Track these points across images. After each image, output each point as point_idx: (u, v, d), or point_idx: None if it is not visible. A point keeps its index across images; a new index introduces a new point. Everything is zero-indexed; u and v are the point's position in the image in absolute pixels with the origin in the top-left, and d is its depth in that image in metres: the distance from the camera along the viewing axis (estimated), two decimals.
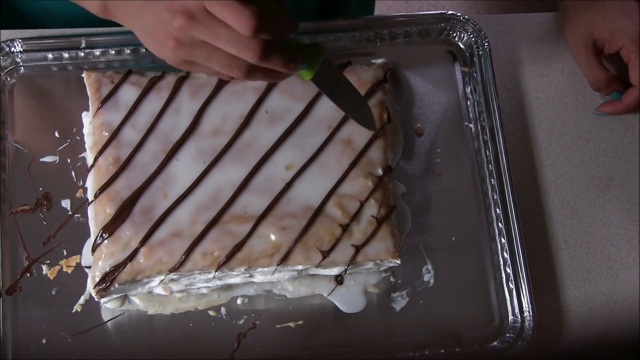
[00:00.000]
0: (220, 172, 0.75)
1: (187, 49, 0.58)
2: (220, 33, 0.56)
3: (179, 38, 0.57)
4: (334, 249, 0.74)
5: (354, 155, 0.77)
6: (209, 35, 0.56)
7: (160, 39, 0.58)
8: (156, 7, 0.57)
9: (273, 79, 0.62)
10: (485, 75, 0.87)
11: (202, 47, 0.58)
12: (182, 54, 0.59)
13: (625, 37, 0.83)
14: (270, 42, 0.57)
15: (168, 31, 0.57)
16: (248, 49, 0.56)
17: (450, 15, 0.89)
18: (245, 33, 0.55)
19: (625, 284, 0.85)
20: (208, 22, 0.56)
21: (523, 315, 0.79)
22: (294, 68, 0.61)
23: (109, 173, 0.74)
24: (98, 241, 0.72)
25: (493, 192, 0.84)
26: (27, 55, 0.84)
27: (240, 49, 0.57)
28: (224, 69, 0.59)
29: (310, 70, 0.65)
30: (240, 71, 0.59)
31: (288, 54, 0.59)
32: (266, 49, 0.57)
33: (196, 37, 0.57)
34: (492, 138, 0.85)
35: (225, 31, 0.56)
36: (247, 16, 0.54)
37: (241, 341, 0.78)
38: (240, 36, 0.56)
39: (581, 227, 0.86)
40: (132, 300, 0.78)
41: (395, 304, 0.81)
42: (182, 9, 0.56)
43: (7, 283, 0.77)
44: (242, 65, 0.59)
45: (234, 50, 0.57)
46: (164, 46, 0.59)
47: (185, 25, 0.56)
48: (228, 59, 0.58)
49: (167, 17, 0.56)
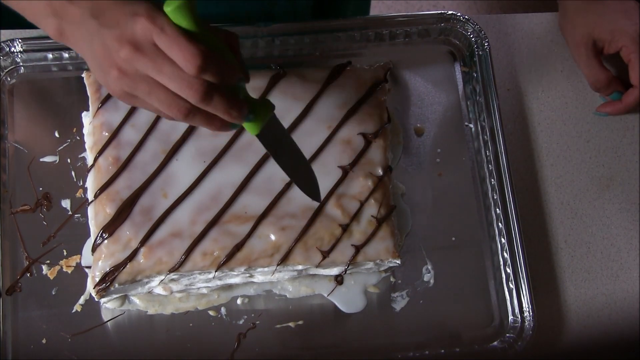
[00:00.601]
0: (220, 172, 0.75)
1: (130, 81, 0.57)
2: (164, 68, 0.55)
3: (123, 68, 0.56)
4: (334, 249, 0.74)
5: (354, 155, 0.77)
6: (153, 70, 0.55)
7: (106, 67, 0.57)
8: (106, 35, 0.56)
9: (215, 126, 0.60)
10: (485, 75, 0.87)
11: (144, 82, 0.56)
12: (125, 86, 0.57)
13: (625, 38, 0.83)
14: (215, 86, 0.56)
15: (113, 60, 0.56)
16: (190, 87, 0.55)
17: (450, 15, 0.89)
18: (189, 71, 0.54)
19: (625, 284, 0.85)
20: (154, 55, 0.55)
21: (523, 315, 0.79)
22: (237, 117, 0.58)
23: (109, 173, 0.74)
24: (98, 241, 0.72)
25: (493, 192, 0.84)
26: (27, 55, 0.84)
27: (182, 87, 0.55)
28: (163, 107, 0.57)
29: (257, 125, 0.62)
30: (179, 112, 0.57)
31: (233, 101, 0.58)
32: (209, 90, 0.55)
33: (140, 70, 0.56)
34: (492, 138, 0.85)
35: (169, 67, 0.55)
36: (193, 54, 0.53)
37: (241, 341, 0.78)
38: (184, 74, 0.55)
39: (581, 227, 0.86)
40: (132, 300, 0.78)
41: (395, 304, 0.81)
42: (131, 39, 0.55)
43: (7, 283, 0.77)
44: (182, 106, 0.57)
45: (176, 88, 0.55)
46: (108, 75, 0.57)
47: (131, 56, 0.55)
48: (169, 97, 0.57)
49: (115, 46, 0.55)
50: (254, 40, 0.86)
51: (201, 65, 0.54)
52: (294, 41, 0.87)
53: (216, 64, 0.55)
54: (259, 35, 0.86)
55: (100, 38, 0.56)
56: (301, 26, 0.88)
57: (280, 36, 0.87)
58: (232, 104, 0.58)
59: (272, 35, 0.86)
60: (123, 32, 0.55)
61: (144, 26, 0.54)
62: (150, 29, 0.54)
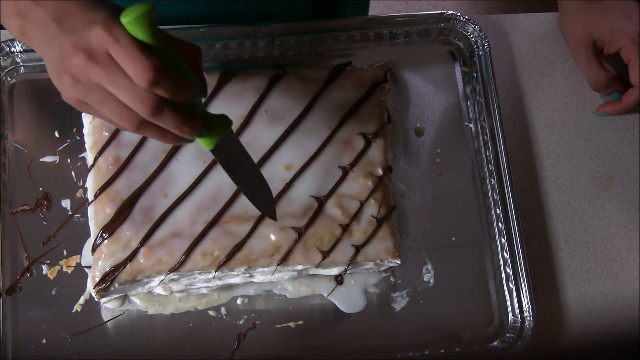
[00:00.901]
0: (220, 172, 0.75)
1: (83, 88, 0.56)
2: (116, 79, 0.54)
3: (76, 75, 0.56)
4: (334, 249, 0.74)
5: (354, 155, 0.77)
6: (105, 80, 0.55)
7: (60, 73, 0.57)
8: (64, 40, 0.56)
9: (168, 140, 0.59)
10: (485, 75, 0.87)
11: (97, 91, 0.56)
12: (77, 93, 0.57)
13: (625, 38, 0.83)
14: (167, 101, 0.55)
15: (67, 66, 0.56)
16: (140, 101, 0.55)
17: (450, 15, 0.89)
18: (141, 84, 0.53)
19: (625, 284, 0.85)
20: (107, 65, 0.54)
21: (523, 315, 0.79)
22: (188, 133, 0.58)
23: (109, 173, 0.74)
24: (98, 241, 0.72)
25: (493, 192, 0.84)
26: (27, 55, 0.84)
27: (133, 100, 0.55)
28: (115, 117, 0.57)
29: (211, 141, 0.62)
30: (131, 123, 0.57)
31: (185, 117, 0.57)
32: (159, 105, 0.55)
33: (93, 78, 0.55)
34: (492, 138, 0.85)
35: (122, 79, 0.54)
36: (145, 67, 0.53)
37: (241, 341, 0.78)
38: (135, 87, 0.54)
39: (581, 227, 0.86)
40: (132, 300, 0.78)
41: (395, 304, 0.81)
42: (85, 47, 0.54)
43: (7, 283, 0.77)
44: (134, 118, 0.57)
45: (127, 100, 0.55)
46: (61, 81, 0.57)
47: (84, 64, 0.55)
48: (121, 108, 0.56)
49: (70, 52, 0.55)
50: (254, 40, 0.86)
51: (153, 79, 0.53)
52: (294, 41, 0.87)
53: (169, 78, 0.54)
54: (259, 35, 0.86)
55: (58, 42, 0.56)
56: (301, 26, 0.88)
57: (280, 36, 0.87)
58: (184, 119, 0.57)
59: (272, 35, 0.86)
60: (79, 39, 0.55)
61: (99, 35, 0.54)
62: (106, 38, 0.54)
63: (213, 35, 0.86)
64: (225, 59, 0.87)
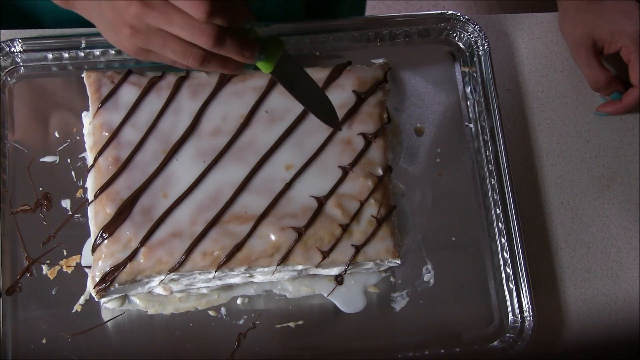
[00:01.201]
0: (220, 172, 0.75)
1: (143, 36, 0.59)
2: (175, 19, 0.57)
3: (134, 25, 0.58)
4: (334, 249, 0.74)
5: (354, 155, 0.77)
6: (164, 22, 0.57)
7: (117, 27, 0.59)
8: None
9: (230, 69, 0.63)
10: (485, 75, 0.87)
11: (157, 35, 0.58)
12: (139, 42, 0.59)
13: (625, 38, 0.83)
14: (225, 29, 0.58)
15: (124, 19, 0.58)
16: (202, 34, 0.57)
17: (450, 15, 0.89)
18: (199, 17, 0.56)
19: (625, 284, 0.85)
20: (163, 8, 0.57)
21: (523, 315, 0.79)
22: (250, 57, 0.61)
23: (109, 173, 0.74)
24: (98, 241, 0.72)
25: (493, 192, 0.84)
26: (27, 55, 0.84)
27: (194, 34, 0.57)
28: (179, 57, 0.60)
29: (270, 64, 0.65)
30: (195, 59, 0.60)
31: (244, 42, 0.60)
32: (220, 34, 0.58)
33: (152, 24, 0.58)
34: (492, 138, 0.85)
35: (179, 17, 0.57)
36: (200, 0, 0.55)
37: (241, 341, 0.78)
38: (194, 21, 0.57)
39: (581, 227, 0.86)
40: (132, 300, 0.78)
41: (395, 304, 0.81)
42: None
43: (7, 283, 0.77)
44: (197, 54, 0.59)
45: (188, 36, 0.57)
46: (120, 34, 0.59)
47: (141, 12, 0.57)
48: (183, 47, 0.59)
49: (124, 4, 0.57)
50: None
51: (210, 10, 0.55)
52: (294, 41, 0.87)
53: (224, 7, 0.56)
54: None
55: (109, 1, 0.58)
56: (301, 26, 0.88)
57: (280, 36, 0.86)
58: (243, 44, 0.60)
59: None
60: None
61: None
62: None
63: None
64: None
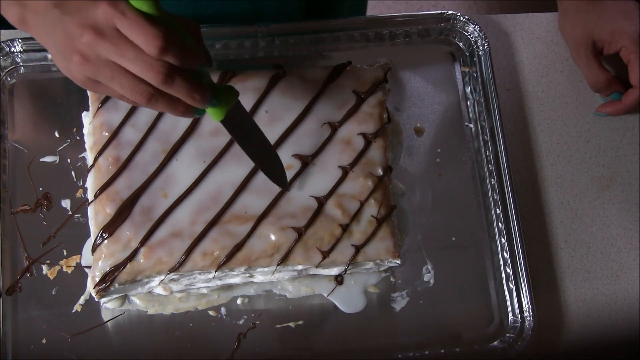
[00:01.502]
0: (220, 172, 0.75)
1: (93, 66, 0.57)
2: (126, 52, 0.56)
3: (85, 54, 0.57)
4: (334, 249, 0.74)
5: (354, 155, 0.77)
6: (115, 53, 0.56)
7: (68, 54, 0.58)
8: (68, 22, 0.57)
9: (179, 111, 0.60)
10: (485, 75, 0.87)
11: (107, 66, 0.57)
12: (88, 71, 0.58)
13: (624, 38, 0.83)
14: (177, 69, 0.57)
15: (75, 46, 0.57)
16: (151, 69, 0.56)
17: (450, 15, 0.89)
18: (151, 52, 0.55)
19: (625, 284, 0.85)
20: (116, 39, 0.56)
21: (523, 315, 0.79)
22: (199, 101, 0.59)
23: (109, 173, 0.74)
24: (98, 241, 0.72)
25: (493, 192, 0.84)
26: (27, 55, 0.84)
27: (143, 69, 0.56)
28: (126, 92, 0.58)
29: (221, 111, 0.63)
30: (142, 96, 0.58)
31: (195, 85, 0.58)
32: (170, 72, 0.56)
33: (102, 54, 0.56)
34: (492, 138, 0.85)
35: (131, 50, 0.56)
36: (154, 35, 0.54)
37: (241, 341, 0.78)
38: (145, 56, 0.56)
39: (581, 227, 0.86)
40: (132, 300, 0.78)
41: (395, 304, 0.81)
42: (92, 24, 0.56)
43: (7, 283, 0.77)
44: (145, 90, 0.58)
45: (138, 71, 0.56)
46: (70, 62, 0.58)
47: (93, 41, 0.56)
48: (132, 81, 0.57)
49: (77, 32, 0.56)
50: (254, 40, 0.86)
51: (162, 46, 0.54)
52: (294, 41, 0.87)
53: (177, 45, 0.55)
54: (259, 35, 0.86)
55: (63, 26, 0.57)
56: (301, 26, 0.88)
57: (280, 36, 0.87)
58: (194, 87, 0.58)
59: (272, 35, 0.86)
60: (85, 17, 0.56)
61: (105, 11, 0.55)
62: (112, 13, 0.55)
63: (213, 35, 0.86)
64: (225, 59, 0.87)
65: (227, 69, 0.80)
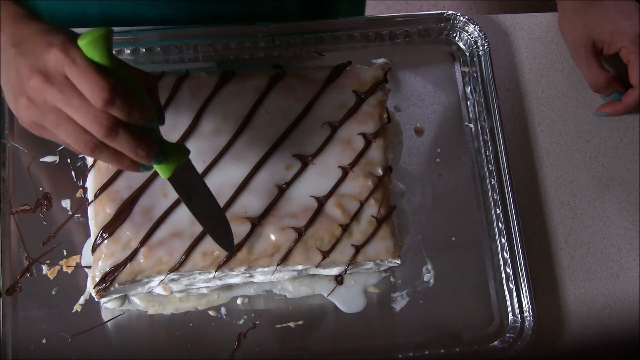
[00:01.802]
0: (220, 172, 0.75)
1: (39, 110, 0.56)
2: (72, 100, 0.55)
3: (32, 98, 0.56)
4: (334, 249, 0.74)
5: (354, 155, 0.77)
6: (61, 101, 0.55)
7: (16, 95, 0.57)
8: (21, 63, 0.56)
9: (124, 165, 0.59)
10: (485, 75, 0.87)
11: (53, 113, 0.56)
12: (33, 115, 0.57)
13: (624, 38, 0.83)
14: (122, 123, 0.56)
15: (23, 88, 0.56)
16: (95, 121, 0.55)
17: (450, 15, 0.89)
18: (96, 104, 0.54)
19: (625, 284, 0.85)
20: (63, 86, 0.55)
21: (523, 315, 0.79)
22: (144, 157, 0.58)
23: (109, 173, 0.74)
24: (98, 241, 0.72)
25: (493, 192, 0.84)
26: None
27: (88, 119, 0.55)
28: (70, 140, 0.57)
29: (168, 168, 0.62)
30: (86, 146, 0.57)
31: (140, 140, 0.57)
32: (114, 126, 0.55)
33: (49, 100, 0.56)
34: (492, 138, 0.85)
35: (77, 99, 0.55)
36: (101, 86, 0.53)
37: (241, 341, 0.78)
38: (91, 107, 0.55)
39: (581, 227, 0.86)
40: (132, 300, 0.78)
41: (395, 304, 0.81)
42: (42, 69, 0.55)
43: (7, 283, 0.77)
44: (89, 141, 0.57)
45: (82, 120, 0.55)
46: (17, 103, 0.57)
47: (40, 86, 0.55)
48: (76, 130, 0.56)
49: (27, 74, 0.55)
50: (254, 40, 0.86)
51: (108, 98, 0.54)
52: (294, 41, 0.87)
53: (124, 99, 0.54)
54: (259, 35, 0.86)
55: (16, 66, 0.57)
56: (301, 26, 0.88)
57: (281, 36, 0.87)
58: (139, 142, 0.57)
59: (272, 35, 0.86)
60: (36, 61, 0.55)
61: (56, 57, 0.54)
62: (62, 59, 0.54)
63: (213, 35, 0.86)
64: (225, 59, 0.87)
65: (227, 69, 0.80)
